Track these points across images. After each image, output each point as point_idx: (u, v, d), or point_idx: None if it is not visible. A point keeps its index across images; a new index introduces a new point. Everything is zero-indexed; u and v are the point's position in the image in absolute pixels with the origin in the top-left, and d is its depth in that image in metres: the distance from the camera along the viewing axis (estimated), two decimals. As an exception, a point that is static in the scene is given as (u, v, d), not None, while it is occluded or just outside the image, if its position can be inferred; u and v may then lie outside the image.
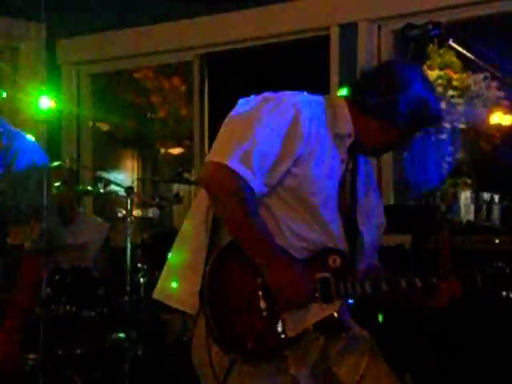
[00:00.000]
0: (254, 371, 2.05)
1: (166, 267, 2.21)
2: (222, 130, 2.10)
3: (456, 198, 4.22)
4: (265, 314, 2.02)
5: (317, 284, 2.05)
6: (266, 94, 2.11)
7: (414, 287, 2.13)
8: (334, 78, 4.53)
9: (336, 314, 2.07)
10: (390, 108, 2.10)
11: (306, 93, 2.17)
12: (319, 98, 2.16)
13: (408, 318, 3.43)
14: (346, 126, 2.13)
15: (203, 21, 5.04)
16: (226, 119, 2.10)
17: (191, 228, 2.17)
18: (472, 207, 4.21)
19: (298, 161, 2.04)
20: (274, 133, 2.02)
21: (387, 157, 4.49)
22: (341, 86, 2.28)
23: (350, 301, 2.15)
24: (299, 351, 2.07)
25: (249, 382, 2.05)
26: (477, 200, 4.26)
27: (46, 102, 5.35)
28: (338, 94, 2.25)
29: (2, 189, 2.24)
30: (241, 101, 2.12)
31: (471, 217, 4.17)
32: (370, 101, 2.12)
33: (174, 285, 2.13)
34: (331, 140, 2.11)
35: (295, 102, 2.07)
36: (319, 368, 2.15)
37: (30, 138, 2.34)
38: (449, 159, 4.73)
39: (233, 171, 1.97)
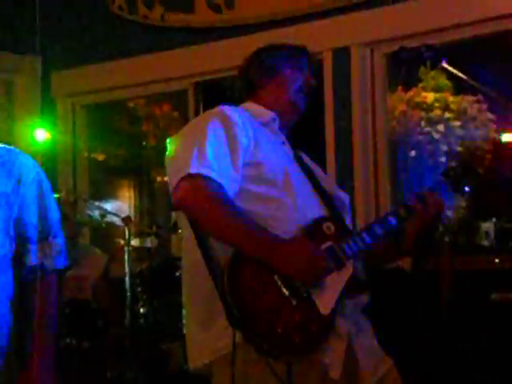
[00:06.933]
0: (305, 366, 2.03)
1: (186, 334, 2.21)
2: (169, 150, 2.18)
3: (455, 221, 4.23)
4: (294, 303, 2.01)
5: (326, 255, 2.07)
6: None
7: (401, 217, 2.19)
8: (329, 101, 4.56)
9: (354, 274, 2.10)
10: (263, 68, 2.32)
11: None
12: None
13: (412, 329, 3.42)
14: (265, 112, 2.28)
15: (197, 49, 5.06)
16: (171, 142, 2.20)
17: (189, 270, 2.20)
18: (470, 228, 4.21)
19: (248, 151, 2.11)
20: (217, 133, 2.11)
21: (383, 175, 4.50)
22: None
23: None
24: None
25: (305, 378, 2.03)
26: (474, 221, 4.27)
27: (41, 134, 5.39)
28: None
29: (14, 203, 2.17)
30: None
31: (470, 238, 4.17)
32: (252, 80, 2.33)
33: (201, 339, 2.11)
34: (263, 129, 2.23)
35: (222, 107, 2.21)
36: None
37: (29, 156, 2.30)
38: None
39: (197, 176, 2.02)
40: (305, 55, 2.39)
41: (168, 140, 2.21)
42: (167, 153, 2.19)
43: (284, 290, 2.02)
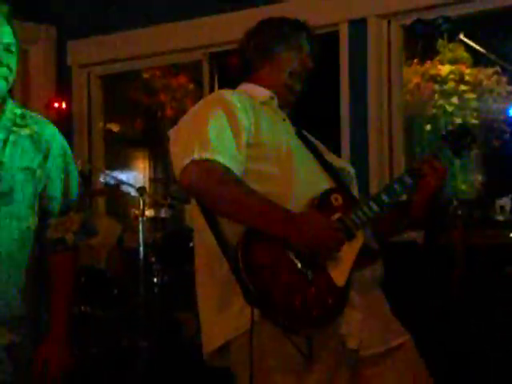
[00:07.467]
0: (324, 339, 2.04)
1: (200, 315, 2.20)
2: (172, 140, 2.17)
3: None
4: (310, 277, 2.02)
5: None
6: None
7: (406, 184, 2.18)
8: (344, 74, 4.53)
9: (365, 244, 2.11)
10: (259, 50, 2.31)
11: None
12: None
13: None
14: (263, 91, 2.27)
15: (212, 19, 5.04)
16: (172, 132, 2.19)
17: (202, 254, 2.19)
18: (485, 203, 4.19)
19: (250, 132, 2.12)
20: (219, 118, 2.10)
21: (398, 148, 4.48)
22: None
23: None
24: None
25: (323, 351, 2.04)
26: (488, 195, 4.25)
27: (56, 104, 5.39)
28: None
29: (41, 178, 2.16)
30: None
31: (485, 212, 4.15)
32: (249, 61, 2.33)
33: (217, 321, 2.10)
34: (263, 108, 2.22)
35: (221, 92, 2.24)
36: None
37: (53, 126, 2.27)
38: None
39: (203, 160, 2.02)
40: (304, 31, 2.34)
41: (170, 130, 2.21)
42: (170, 141, 2.18)
43: (299, 264, 2.02)
